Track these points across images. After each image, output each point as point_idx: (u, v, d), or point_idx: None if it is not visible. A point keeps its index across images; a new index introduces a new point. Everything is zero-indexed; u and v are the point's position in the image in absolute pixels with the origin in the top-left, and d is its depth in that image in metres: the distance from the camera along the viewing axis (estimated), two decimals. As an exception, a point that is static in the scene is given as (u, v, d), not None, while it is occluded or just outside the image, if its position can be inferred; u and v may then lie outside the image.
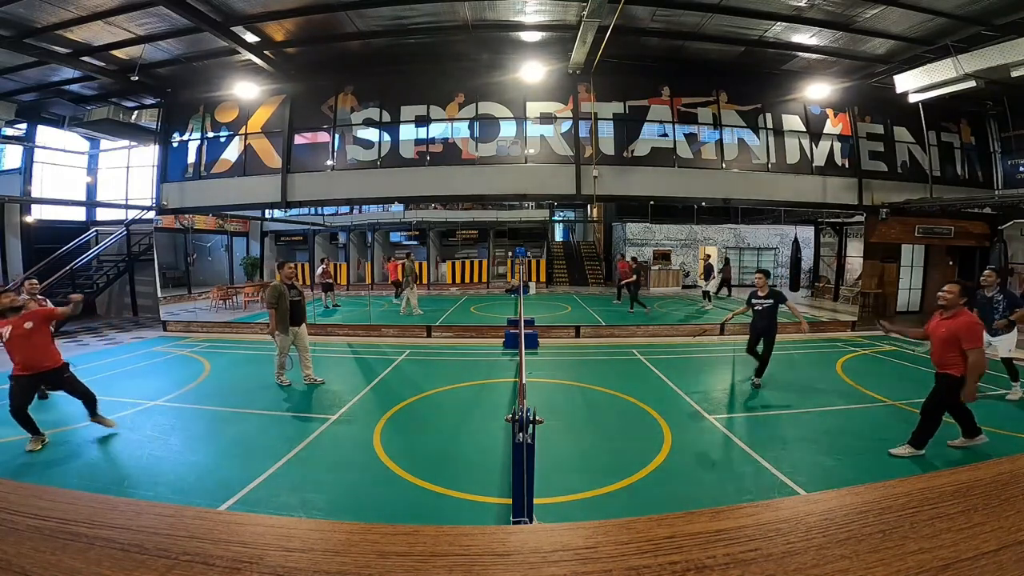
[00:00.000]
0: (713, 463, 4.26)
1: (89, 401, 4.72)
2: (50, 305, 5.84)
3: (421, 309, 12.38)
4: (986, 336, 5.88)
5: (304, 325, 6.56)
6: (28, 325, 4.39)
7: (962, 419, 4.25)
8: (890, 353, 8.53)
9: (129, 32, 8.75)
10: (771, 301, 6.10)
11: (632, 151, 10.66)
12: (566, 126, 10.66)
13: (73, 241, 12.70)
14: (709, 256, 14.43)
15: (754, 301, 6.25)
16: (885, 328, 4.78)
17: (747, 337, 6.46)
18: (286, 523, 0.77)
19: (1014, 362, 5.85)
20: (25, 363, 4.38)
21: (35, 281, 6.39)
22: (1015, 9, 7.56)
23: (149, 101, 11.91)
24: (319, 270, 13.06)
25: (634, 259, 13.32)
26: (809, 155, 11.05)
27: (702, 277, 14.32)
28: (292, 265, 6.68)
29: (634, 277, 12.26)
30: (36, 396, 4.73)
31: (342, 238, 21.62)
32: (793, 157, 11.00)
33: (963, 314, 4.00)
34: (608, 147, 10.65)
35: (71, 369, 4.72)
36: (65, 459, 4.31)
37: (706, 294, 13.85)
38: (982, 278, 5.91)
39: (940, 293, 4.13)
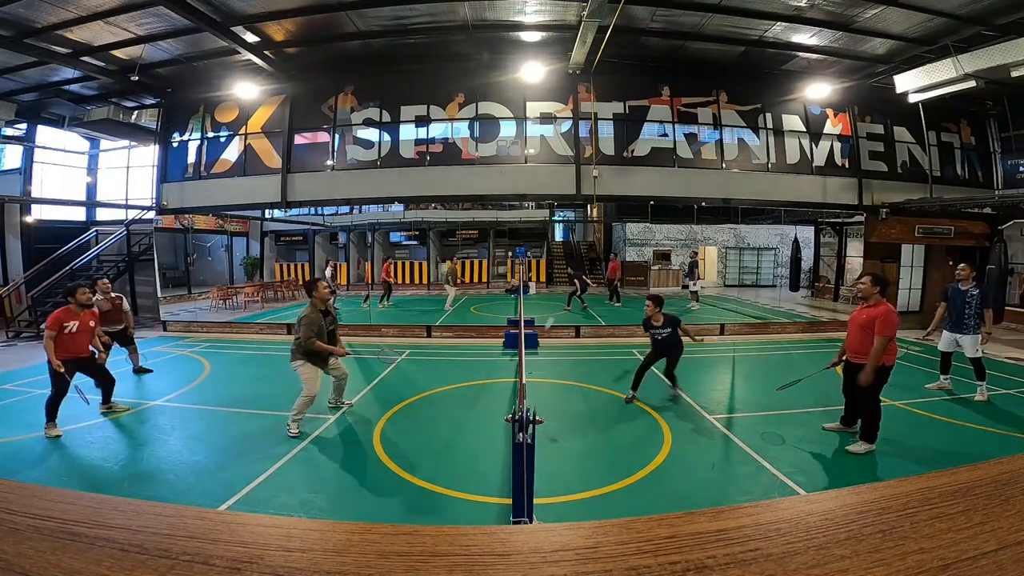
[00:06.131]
0: (713, 463, 4.26)
1: (108, 387, 5.45)
2: (126, 304, 7.12)
3: (451, 306, 13.36)
4: (949, 335, 5.92)
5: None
6: (92, 323, 5.18)
7: (870, 419, 4.30)
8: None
9: (129, 32, 8.75)
10: (669, 329, 5.72)
11: (632, 151, 10.66)
12: (566, 126, 10.66)
13: (73, 241, 12.69)
14: (696, 254, 14.34)
15: (652, 331, 5.79)
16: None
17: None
18: (286, 523, 0.77)
19: (981, 360, 5.85)
20: (75, 352, 5.02)
21: (107, 281, 7.02)
22: (1015, 9, 7.56)
23: (149, 101, 11.91)
24: (328, 273, 12.88)
25: (573, 265, 13.64)
26: (809, 155, 11.05)
27: (685, 275, 14.40)
28: (327, 284, 5.10)
29: (577, 280, 12.78)
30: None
31: (342, 238, 21.63)
32: (793, 157, 11.00)
33: (883, 304, 4.24)
34: (608, 147, 10.65)
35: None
36: (65, 459, 4.31)
37: (694, 294, 13.77)
38: (957, 271, 5.88)
39: (858, 285, 4.46)
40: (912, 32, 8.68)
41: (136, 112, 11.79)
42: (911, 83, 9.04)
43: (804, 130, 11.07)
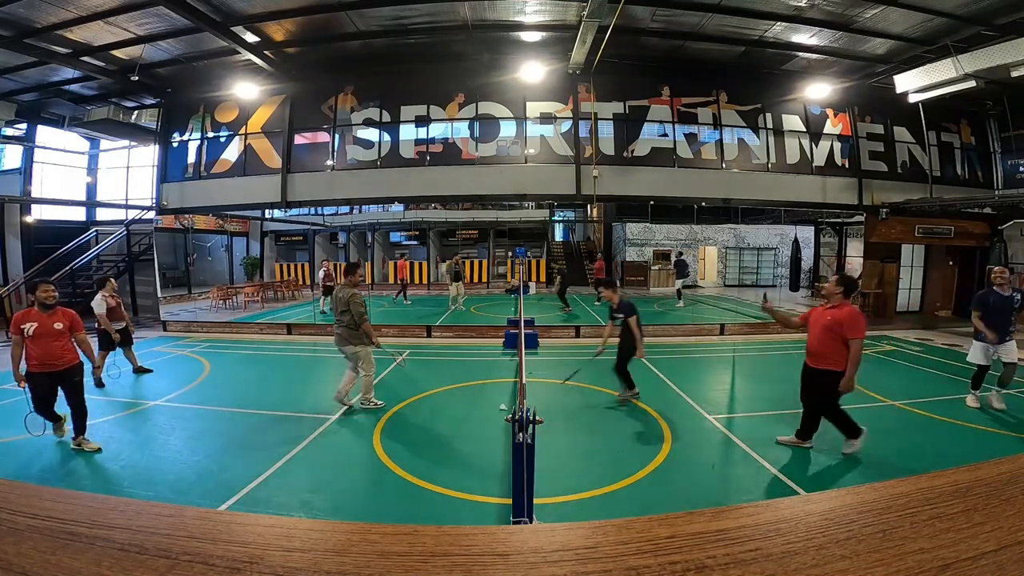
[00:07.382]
0: (713, 463, 4.26)
1: (80, 417, 4.50)
2: (123, 307, 6.91)
3: (459, 305, 13.37)
4: (990, 346, 5.39)
5: None
6: (58, 326, 4.32)
7: (840, 421, 4.19)
8: (890, 353, 8.53)
9: (129, 32, 8.75)
10: (621, 316, 5.61)
11: (632, 151, 10.66)
12: (566, 126, 10.66)
13: (73, 241, 12.70)
14: (681, 253, 14.47)
15: (614, 315, 5.73)
16: (766, 307, 4.61)
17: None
18: (286, 523, 0.77)
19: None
20: (42, 360, 4.25)
21: (114, 282, 7.02)
22: (1015, 9, 7.56)
23: (149, 101, 11.91)
24: (320, 273, 12.97)
25: (559, 266, 13.93)
26: (809, 155, 11.05)
27: (674, 275, 14.61)
28: (362, 272, 5.58)
29: (558, 278, 13.19)
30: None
31: (342, 238, 21.65)
32: (793, 157, 11.01)
33: (846, 305, 4.11)
34: (608, 147, 10.65)
35: (82, 374, 4.57)
36: (65, 460, 4.31)
37: (678, 293, 13.91)
38: (996, 275, 5.40)
39: (824, 286, 4.36)
40: (912, 32, 8.68)
41: (136, 112, 11.80)
42: (911, 83, 9.04)
43: (804, 130, 11.07)
